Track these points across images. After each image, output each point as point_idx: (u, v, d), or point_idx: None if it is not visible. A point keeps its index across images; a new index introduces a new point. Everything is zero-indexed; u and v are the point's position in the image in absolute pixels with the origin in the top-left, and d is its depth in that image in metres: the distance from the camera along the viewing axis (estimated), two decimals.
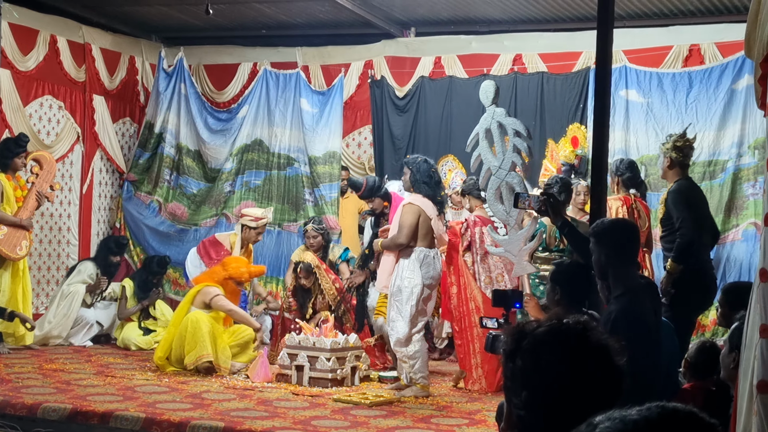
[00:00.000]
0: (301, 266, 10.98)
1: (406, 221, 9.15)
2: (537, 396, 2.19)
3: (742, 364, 4.65)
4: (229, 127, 13.83)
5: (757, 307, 4.48)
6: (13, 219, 10.97)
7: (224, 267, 10.74)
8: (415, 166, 9.45)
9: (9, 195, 11.06)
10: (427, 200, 9.34)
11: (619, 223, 5.94)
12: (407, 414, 8.42)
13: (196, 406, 8.38)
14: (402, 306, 9.13)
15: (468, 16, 12.90)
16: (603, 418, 1.70)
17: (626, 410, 1.70)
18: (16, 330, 11.10)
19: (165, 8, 13.43)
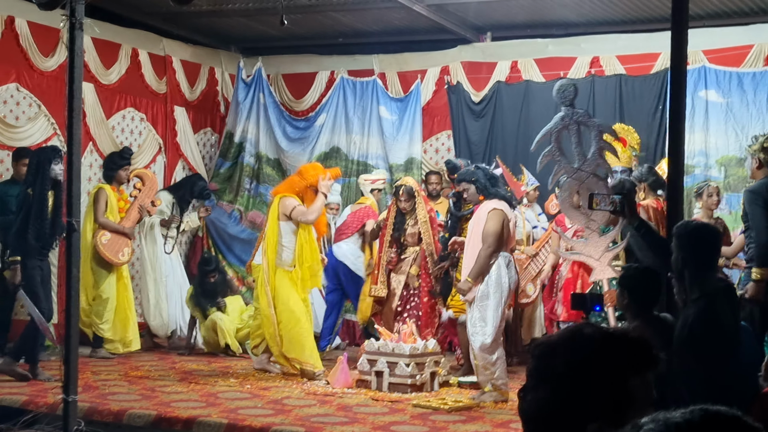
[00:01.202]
0: (403, 188, 10.95)
1: (492, 228, 9.12)
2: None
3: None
4: (307, 135, 13.95)
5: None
6: (117, 226, 11.46)
7: (302, 176, 10.75)
8: (471, 176, 9.47)
9: (113, 205, 11.52)
10: (505, 203, 9.34)
11: (701, 226, 5.90)
12: (486, 419, 8.42)
13: (277, 412, 8.46)
14: (488, 312, 9.08)
15: (544, 20, 12.86)
16: (648, 419, 1.71)
17: (670, 412, 1.70)
18: (123, 336, 11.40)
19: (243, 19, 13.58)
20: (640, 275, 6.22)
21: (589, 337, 2.18)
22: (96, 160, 12.49)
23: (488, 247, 9.07)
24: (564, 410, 2.11)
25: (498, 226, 9.10)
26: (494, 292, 9.07)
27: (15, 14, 11.57)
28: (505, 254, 9.20)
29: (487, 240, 9.08)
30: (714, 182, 10.84)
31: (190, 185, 12.59)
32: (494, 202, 9.26)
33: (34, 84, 11.86)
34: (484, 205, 9.34)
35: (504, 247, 9.23)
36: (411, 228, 10.95)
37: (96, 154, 12.53)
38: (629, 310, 6.10)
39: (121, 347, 11.48)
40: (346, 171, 13.67)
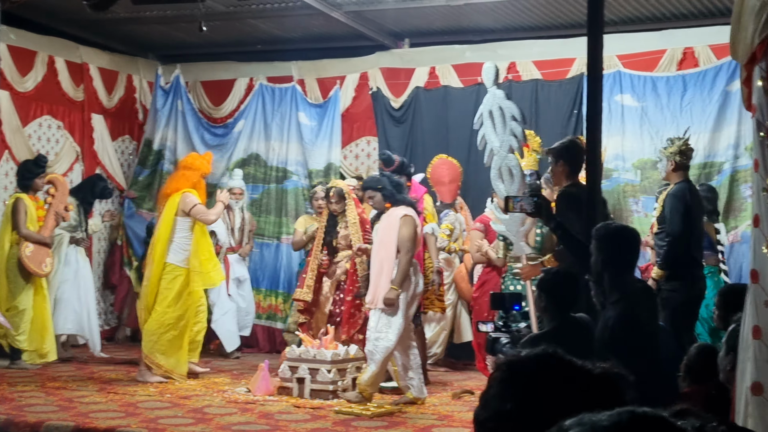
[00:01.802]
0: (333, 190, 10.99)
1: (408, 233, 9.17)
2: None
3: (738, 366, 4.67)
4: (225, 142, 13.87)
5: (749, 308, 4.51)
6: (40, 237, 11.30)
7: (191, 168, 10.94)
8: (377, 183, 9.54)
9: (32, 215, 11.36)
10: (412, 209, 9.42)
11: (621, 229, 5.97)
12: (408, 424, 8.45)
13: (197, 421, 8.41)
14: (394, 317, 9.11)
15: (461, 26, 12.93)
16: (573, 422, 1.69)
17: (596, 415, 1.69)
18: (39, 347, 11.23)
19: (161, 26, 13.47)
20: (558, 278, 6.29)
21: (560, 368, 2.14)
22: (12, 168, 12.29)
23: (407, 252, 9.15)
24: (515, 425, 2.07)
25: (412, 231, 9.19)
26: (403, 298, 9.12)
27: None
28: (413, 260, 9.27)
29: (405, 246, 9.16)
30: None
31: (91, 186, 12.39)
32: (403, 209, 9.33)
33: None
34: (393, 211, 9.38)
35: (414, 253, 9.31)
36: (343, 231, 10.98)
37: (12, 162, 12.33)
38: (547, 313, 6.16)
39: (38, 358, 11.31)
40: (265, 177, 13.66)
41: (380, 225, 9.65)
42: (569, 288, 6.16)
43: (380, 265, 9.28)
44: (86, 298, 12.15)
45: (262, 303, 13.28)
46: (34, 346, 11.28)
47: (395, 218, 9.29)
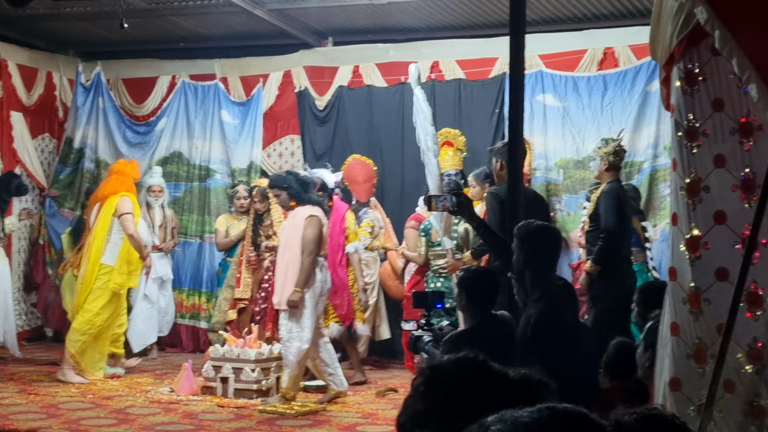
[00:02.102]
0: (257, 189, 11.02)
1: (312, 234, 9.17)
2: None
3: (657, 362, 4.76)
4: (147, 140, 13.74)
5: (668, 305, 4.59)
6: None
7: (124, 174, 11.14)
8: (283, 182, 9.56)
9: None
10: (318, 207, 9.43)
11: (543, 227, 6.02)
12: (333, 422, 8.47)
13: (120, 422, 8.35)
14: (304, 318, 9.11)
15: (385, 25, 12.95)
16: (494, 419, 1.70)
17: (517, 411, 1.70)
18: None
19: (82, 23, 13.30)
20: (477, 276, 6.33)
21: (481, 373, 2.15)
22: None
23: (310, 254, 9.15)
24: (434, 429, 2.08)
25: (317, 232, 9.19)
26: (309, 298, 9.12)
27: None
28: (319, 259, 9.29)
29: (308, 247, 9.15)
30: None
31: (5, 184, 12.19)
32: (309, 209, 9.33)
33: None
34: (298, 211, 9.38)
35: (320, 252, 9.34)
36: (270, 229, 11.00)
37: None
38: (468, 311, 6.20)
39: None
40: (187, 176, 13.55)
41: (286, 224, 9.65)
42: (488, 286, 6.21)
43: (286, 266, 9.26)
44: (3, 299, 11.97)
45: (185, 302, 13.18)
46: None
47: (300, 218, 9.29)
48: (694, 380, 4.40)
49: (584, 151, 11.69)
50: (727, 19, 4.26)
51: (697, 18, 4.34)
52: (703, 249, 4.42)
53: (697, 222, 4.46)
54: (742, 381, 4.31)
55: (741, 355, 4.30)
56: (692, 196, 4.47)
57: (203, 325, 13.00)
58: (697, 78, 4.50)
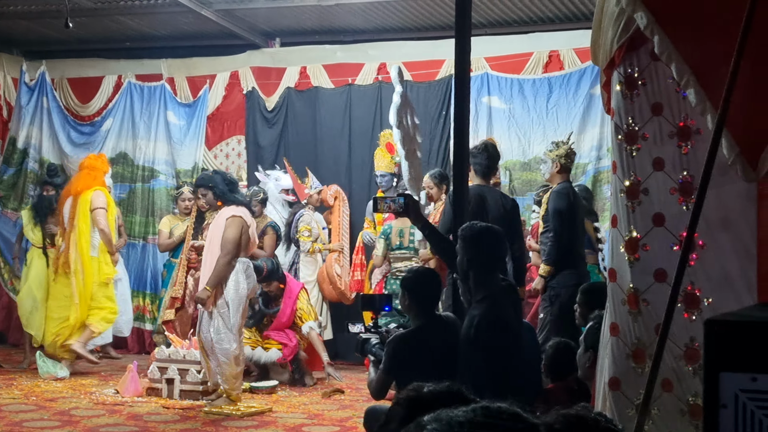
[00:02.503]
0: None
1: (231, 235, 9.14)
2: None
3: (599, 362, 4.82)
4: (92, 140, 13.63)
5: (609, 306, 4.66)
6: None
7: (96, 169, 11.42)
8: (209, 181, 9.58)
9: None
10: (244, 208, 9.43)
11: (486, 229, 6.07)
12: (279, 423, 8.47)
13: (64, 423, 8.30)
14: (230, 319, 9.09)
15: (333, 26, 12.96)
16: (430, 418, 1.72)
17: (453, 410, 1.73)
18: None
19: (25, 22, 13.19)
20: (419, 276, 6.37)
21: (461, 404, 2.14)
22: None
23: (226, 254, 9.11)
24: None
25: (237, 233, 9.16)
26: (232, 299, 9.10)
27: None
28: (243, 260, 9.28)
29: (226, 247, 9.12)
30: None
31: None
32: (233, 209, 9.33)
33: None
34: (223, 211, 9.37)
35: (243, 253, 9.30)
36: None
37: None
38: (411, 311, 6.23)
39: None
40: (132, 177, 13.49)
41: (211, 224, 9.64)
42: (431, 285, 6.25)
43: (210, 266, 9.23)
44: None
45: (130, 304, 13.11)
46: None
47: (223, 218, 9.28)
48: (633, 380, 4.46)
49: (530, 153, 11.80)
50: (666, 25, 4.33)
51: (636, 23, 4.41)
52: (642, 250, 4.49)
53: (636, 224, 4.52)
54: (680, 380, 4.37)
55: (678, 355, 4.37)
56: (632, 198, 4.54)
57: (148, 327, 12.94)
58: (637, 82, 4.57)
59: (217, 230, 9.23)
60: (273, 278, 10.62)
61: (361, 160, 12.48)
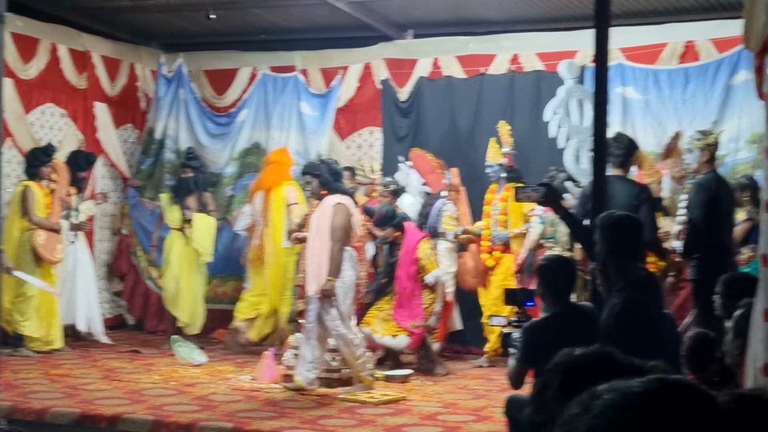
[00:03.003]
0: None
1: (339, 222, 9.18)
2: None
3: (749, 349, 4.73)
4: (228, 132, 13.87)
5: (761, 292, 4.57)
6: (52, 224, 11.53)
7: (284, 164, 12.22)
8: (315, 169, 9.65)
9: (40, 202, 11.52)
10: (348, 197, 9.46)
11: (625, 217, 6.01)
12: (414, 412, 8.50)
13: (203, 408, 8.46)
14: (338, 308, 9.14)
15: (465, 18, 12.95)
16: (605, 388, 1.71)
17: (628, 381, 1.72)
18: (45, 334, 11.29)
19: (164, 15, 13.49)
20: (552, 264, 6.34)
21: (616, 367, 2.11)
22: (14, 156, 12.31)
23: (338, 241, 9.15)
24: None
25: (345, 220, 9.18)
26: (340, 287, 9.13)
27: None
28: (347, 248, 9.29)
29: (336, 234, 9.15)
30: None
31: (74, 161, 12.37)
32: (337, 197, 9.35)
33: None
34: (327, 199, 9.39)
35: (348, 242, 9.33)
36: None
37: (15, 150, 12.34)
38: (547, 299, 6.21)
39: (44, 345, 11.38)
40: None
41: (315, 213, 9.67)
42: (564, 273, 6.22)
43: (318, 255, 9.27)
44: (86, 286, 12.24)
45: None
46: (39, 333, 11.34)
47: (328, 206, 9.30)
48: None
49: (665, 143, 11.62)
50: None
51: None
52: None
53: None
54: None
55: None
56: None
57: None
58: None
59: (322, 218, 9.30)
60: (386, 224, 10.66)
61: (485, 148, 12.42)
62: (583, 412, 1.74)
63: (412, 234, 10.72)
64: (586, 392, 1.76)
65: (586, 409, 1.73)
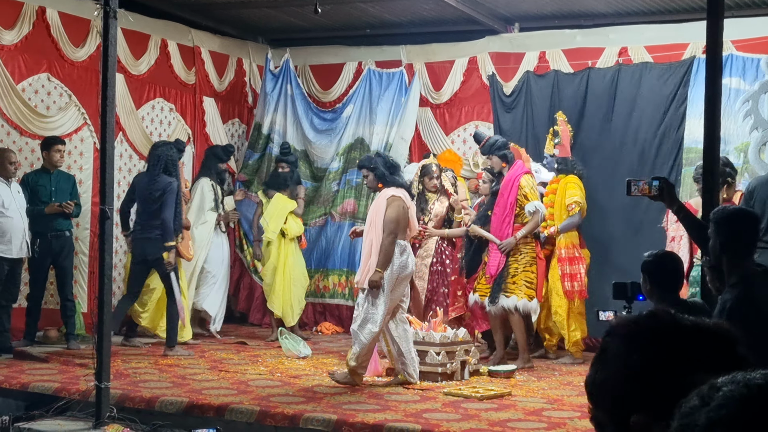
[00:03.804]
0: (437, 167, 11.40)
1: (392, 214, 9.17)
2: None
3: None
4: (334, 127, 13.94)
5: None
6: (187, 221, 11.82)
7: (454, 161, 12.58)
8: (371, 163, 9.62)
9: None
10: (404, 190, 9.42)
11: (740, 212, 5.87)
12: (518, 407, 8.45)
13: (308, 400, 8.52)
14: (379, 299, 9.11)
15: (572, 10, 12.82)
16: (726, 380, 1.67)
17: (750, 373, 1.68)
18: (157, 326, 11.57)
19: (271, 10, 13.60)
20: (658, 260, 6.22)
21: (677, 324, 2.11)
22: (126, 150, 12.54)
23: (389, 234, 9.14)
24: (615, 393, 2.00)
25: (398, 213, 9.15)
26: (386, 280, 9.09)
27: (46, 5, 11.64)
28: (400, 242, 9.25)
29: (388, 227, 9.14)
30: None
31: (213, 155, 12.63)
32: (392, 190, 9.34)
33: (65, 74, 11.92)
34: (383, 192, 9.39)
35: (401, 235, 9.29)
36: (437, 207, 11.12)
37: (126, 144, 12.57)
38: (653, 296, 6.11)
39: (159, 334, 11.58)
40: None
41: (371, 206, 9.66)
42: (670, 269, 6.11)
43: (370, 246, 9.27)
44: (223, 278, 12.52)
45: None
46: (152, 324, 11.53)
47: (383, 199, 9.30)
48: None
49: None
50: None
51: None
52: None
53: None
54: None
55: None
56: None
57: None
58: None
59: (377, 211, 9.31)
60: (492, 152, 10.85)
61: (595, 142, 12.29)
62: (702, 404, 1.70)
63: (518, 166, 10.71)
64: (706, 384, 1.72)
65: (706, 402, 1.69)
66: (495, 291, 10.51)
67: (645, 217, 11.56)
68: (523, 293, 10.46)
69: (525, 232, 10.49)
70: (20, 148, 11.36)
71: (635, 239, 11.36)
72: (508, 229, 10.55)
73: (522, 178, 10.59)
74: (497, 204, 10.63)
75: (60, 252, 10.98)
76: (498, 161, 10.74)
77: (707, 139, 6.89)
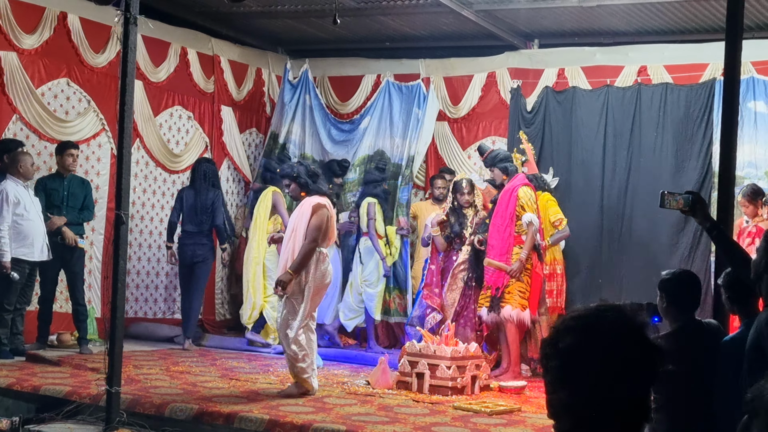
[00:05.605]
0: (466, 182, 11.35)
1: (316, 222, 9.18)
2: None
3: None
4: (351, 138, 13.95)
5: None
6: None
7: None
8: (292, 171, 9.79)
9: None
10: (327, 198, 9.47)
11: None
12: (527, 423, 8.42)
13: (318, 410, 8.49)
14: (299, 305, 9.13)
15: (592, 28, 12.83)
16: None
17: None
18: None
19: (291, 21, 13.64)
20: (677, 279, 6.18)
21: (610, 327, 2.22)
22: (143, 156, 12.59)
23: (312, 241, 9.15)
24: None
25: (322, 221, 9.17)
26: (308, 287, 9.10)
27: (68, 10, 11.71)
28: (322, 250, 9.29)
29: (312, 234, 9.15)
30: None
31: (329, 169, 12.71)
32: (317, 198, 9.39)
33: (84, 79, 11.98)
34: (306, 201, 9.42)
35: (323, 243, 9.30)
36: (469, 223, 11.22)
37: (143, 150, 12.62)
38: (669, 314, 6.07)
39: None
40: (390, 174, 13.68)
41: (294, 213, 9.67)
42: (690, 288, 6.07)
43: (290, 253, 9.27)
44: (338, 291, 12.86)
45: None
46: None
47: (307, 207, 9.32)
48: None
49: None
50: None
51: None
52: None
53: None
54: None
55: None
56: None
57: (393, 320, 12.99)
58: None
59: (300, 219, 9.33)
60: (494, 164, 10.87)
61: (614, 161, 12.28)
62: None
63: (518, 178, 10.72)
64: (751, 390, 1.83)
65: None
66: (493, 301, 10.58)
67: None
68: (517, 303, 10.49)
69: (527, 251, 10.48)
70: (39, 152, 11.41)
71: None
72: (510, 239, 10.57)
73: (520, 189, 10.61)
74: (495, 214, 10.68)
75: (70, 257, 11.00)
76: (499, 173, 10.81)
77: (723, 159, 6.87)
